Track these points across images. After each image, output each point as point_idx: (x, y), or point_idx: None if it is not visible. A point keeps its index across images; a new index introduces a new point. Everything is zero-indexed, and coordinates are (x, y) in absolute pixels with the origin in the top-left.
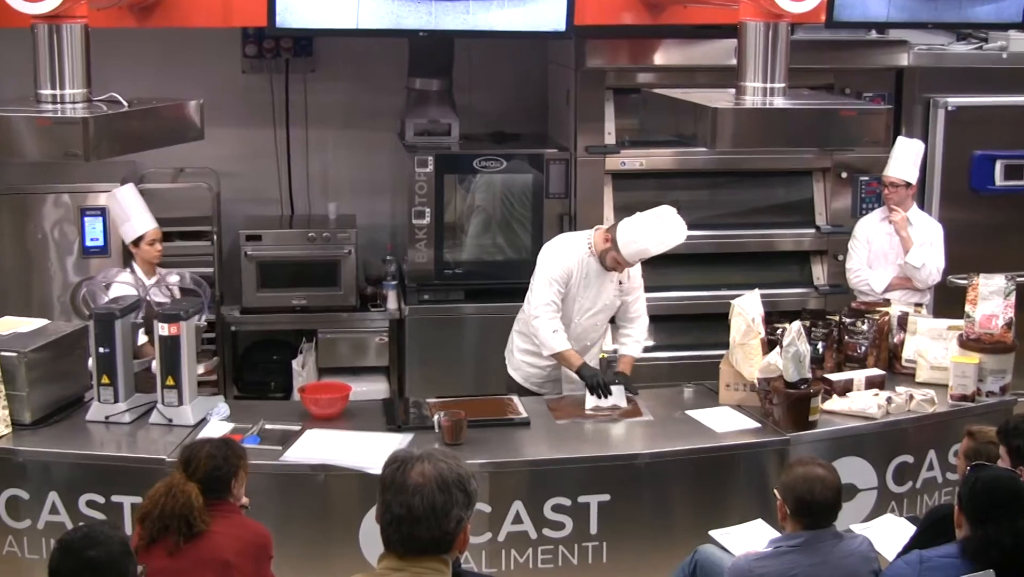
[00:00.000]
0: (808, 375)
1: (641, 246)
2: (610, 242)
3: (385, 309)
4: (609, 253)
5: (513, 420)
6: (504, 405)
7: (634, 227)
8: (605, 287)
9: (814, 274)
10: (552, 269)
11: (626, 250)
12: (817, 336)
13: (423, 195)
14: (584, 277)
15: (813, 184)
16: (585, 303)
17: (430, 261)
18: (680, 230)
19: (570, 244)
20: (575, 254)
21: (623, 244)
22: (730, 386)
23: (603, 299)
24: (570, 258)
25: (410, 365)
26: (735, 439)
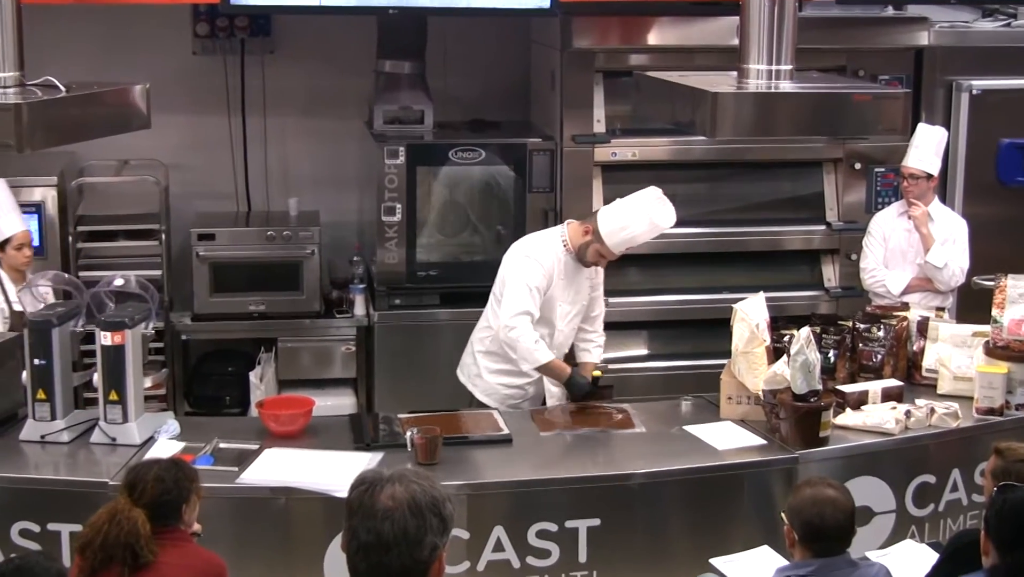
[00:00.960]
0: (818, 386)
1: (629, 233)
2: (591, 234)
3: (352, 315)
4: (591, 246)
5: (493, 437)
6: (483, 420)
7: (618, 213)
8: (582, 286)
9: (825, 275)
10: (531, 274)
11: (612, 240)
12: (828, 343)
13: (393, 189)
14: (563, 278)
15: (823, 176)
16: (565, 306)
17: (401, 262)
18: (669, 212)
19: (545, 243)
20: (552, 253)
21: (607, 233)
22: (732, 399)
23: (580, 299)
24: (548, 259)
25: (379, 377)
26: (738, 457)
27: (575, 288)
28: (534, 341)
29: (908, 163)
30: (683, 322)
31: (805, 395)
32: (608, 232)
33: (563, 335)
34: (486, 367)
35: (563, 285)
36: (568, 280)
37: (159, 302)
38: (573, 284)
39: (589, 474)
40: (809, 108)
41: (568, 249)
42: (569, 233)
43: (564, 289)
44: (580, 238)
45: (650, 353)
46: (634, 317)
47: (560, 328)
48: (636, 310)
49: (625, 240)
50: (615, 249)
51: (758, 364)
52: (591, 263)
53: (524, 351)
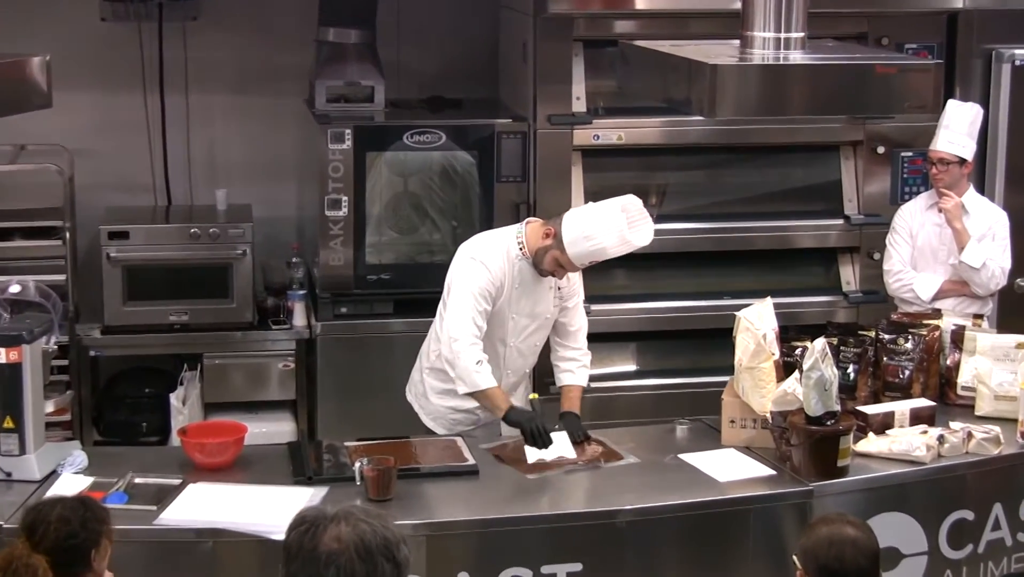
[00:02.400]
0: (836, 408)
1: (594, 245)
2: (551, 238)
3: (290, 326)
4: (549, 253)
5: (457, 468)
6: (445, 449)
7: (585, 220)
8: (542, 296)
9: (843, 277)
10: (476, 279)
11: (574, 249)
12: (847, 357)
13: (339, 179)
14: (517, 286)
15: (841, 162)
16: (521, 320)
17: (348, 264)
18: (645, 230)
19: (496, 244)
20: (501, 256)
21: (571, 241)
22: (735, 422)
23: (541, 312)
24: (496, 261)
25: (323, 398)
26: (742, 490)
27: (534, 299)
28: (475, 362)
29: (937, 146)
30: (677, 333)
31: (820, 417)
32: (571, 240)
33: (517, 355)
34: (432, 387)
35: (517, 295)
36: (524, 289)
37: (63, 312)
38: (531, 294)
39: (569, 511)
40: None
41: (524, 253)
42: (527, 233)
43: (518, 299)
44: (539, 241)
45: (639, 369)
46: (620, 327)
47: (513, 345)
48: (622, 319)
49: (589, 252)
50: (576, 261)
51: (765, 381)
52: (547, 272)
53: (462, 370)
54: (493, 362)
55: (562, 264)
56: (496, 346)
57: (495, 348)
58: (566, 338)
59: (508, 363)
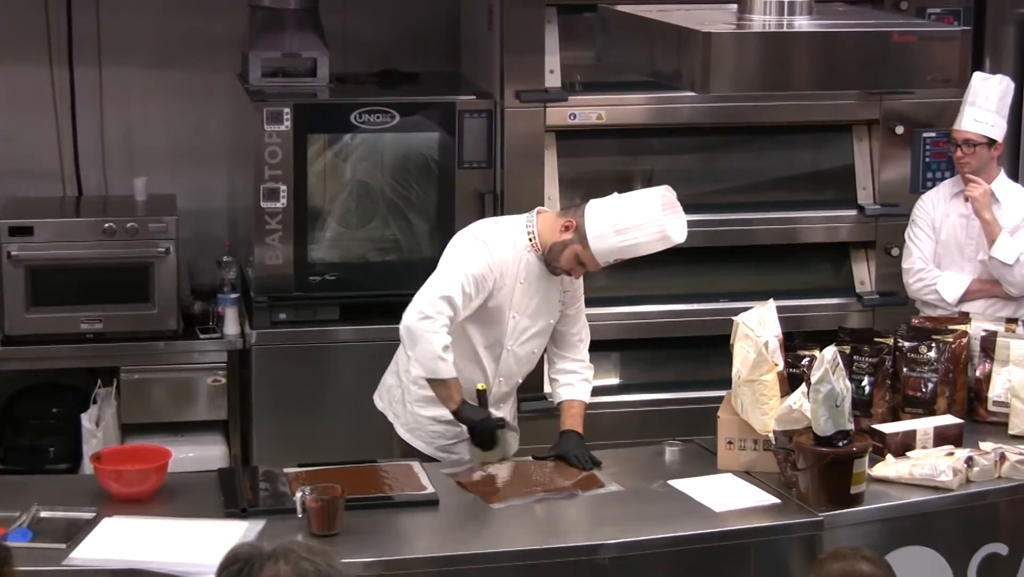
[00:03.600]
0: (849, 426)
1: (628, 241)
2: (571, 232)
3: (221, 335)
4: (569, 248)
5: (414, 498)
6: (400, 476)
7: (619, 211)
8: (549, 297)
9: (856, 276)
10: (473, 259)
11: (600, 245)
12: (862, 368)
13: (276, 165)
14: (523, 281)
15: (854, 144)
16: (523, 321)
17: (288, 263)
18: (683, 223)
19: (503, 229)
20: (509, 244)
21: (597, 236)
22: (733, 444)
23: (546, 315)
24: (502, 249)
25: (259, 418)
26: (742, 521)
27: (540, 298)
28: (442, 347)
29: (962, 125)
30: (666, 341)
31: (831, 437)
32: (598, 234)
33: (514, 361)
34: (413, 395)
35: (522, 291)
36: (530, 286)
37: None
38: (537, 292)
39: (544, 546)
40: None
41: (535, 246)
42: (539, 225)
43: (522, 296)
44: (555, 235)
45: (622, 383)
46: (600, 334)
47: (511, 350)
48: (603, 325)
49: (618, 249)
50: (601, 259)
51: (768, 396)
52: (563, 270)
53: (424, 353)
54: (486, 367)
55: (583, 261)
56: (491, 349)
57: (490, 351)
58: (566, 348)
59: (502, 369)
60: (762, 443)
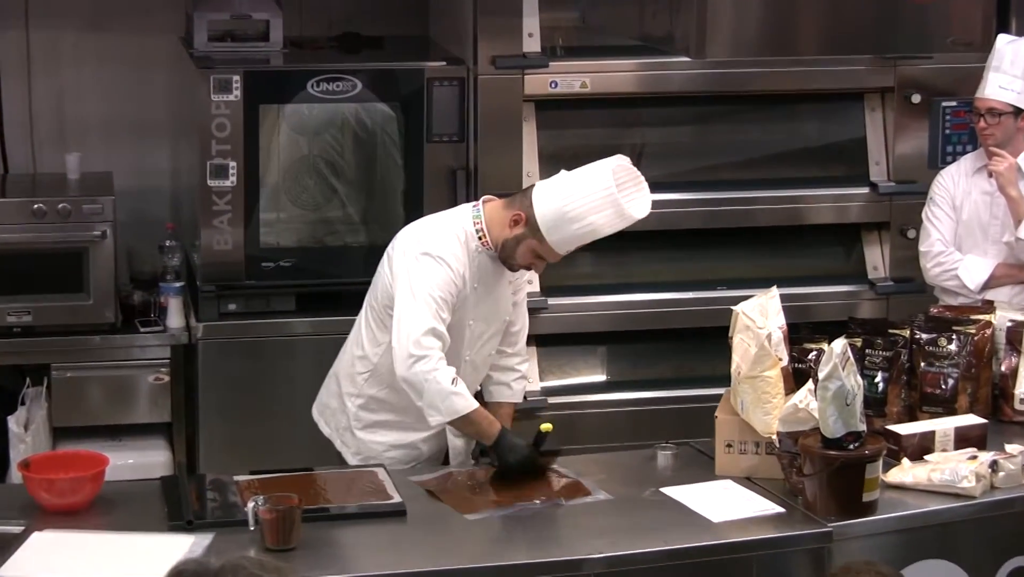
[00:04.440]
0: (861, 427)
1: (584, 226)
2: (522, 224)
3: (164, 329)
4: (523, 244)
5: (378, 508)
6: (363, 484)
7: (568, 194)
8: (502, 295)
9: (868, 261)
10: (436, 280)
11: (556, 235)
12: (875, 363)
13: (225, 139)
14: (477, 286)
15: (866, 115)
16: (478, 327)
17: (238, 248)
18: (644, 196)
19: (450, 234)
20: (462, 250)
21: (550, 225)
22: (733, 447)
23: (500, 314)
24: (459, 259)
25: (206, 420)
26: (742, 533)
27: (493, 299)
28: (451, 380)
29: (986, 93)
30: (658, 333)
31: (841, 440)
32: (551, 223)
33: (472, 370)
34: (360, 419)
35: (476, 297)
36: (485, 289)
37: None
38: (491, 294)
39: (524, 561)
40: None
41: (486, 243)
42: (487, 218)
43: (477, 303)
44: (506, 229)
45: (609, 380)
46: (585, 326)
47: (469, 360)
48: (588, 316)
49: (577, 236)
50: (559, 248)
51: (771, 394)
52: (521, 266)
53: (435, 395)
54: None
55: (542, 255)
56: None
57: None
58: (504, 340)
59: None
60: (764, 446)
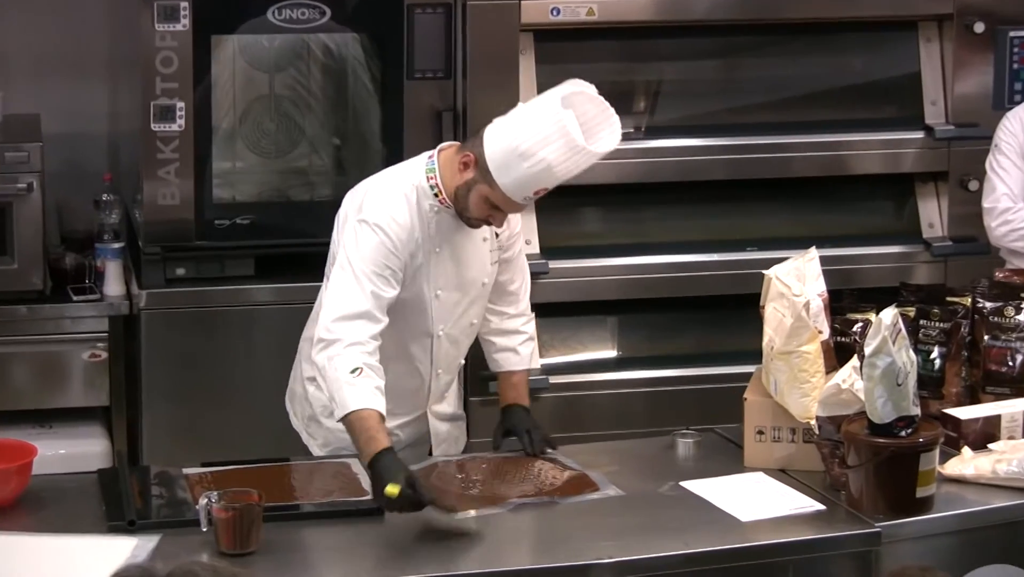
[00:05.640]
0: (914, 411)
1: (535, 164)
2: (472, 168)
3: (101, 297)
4: (474, 190)
5: (352, 506)
6: (333, 477)
7: (517, 127)
8: (474, 255)
9: (923, 217)
10: (367, 249)
11: (506, 177)
12: (930, 336)
13: (171, 76)
14: (438, 250)
15: (920, 47)
16: (449, 296)
17: (187, 204)
18: (610, 128)
19: (396, 193)
20: (410, 211)
21: (499, 165)
22: (764, 434)
23: (475, 277)
24: (399, 216)
25: (150, 403)
26: (775, 534)
27: (462, 263)
28: (350, 369)
29: None
30: (678, 301)
31: (890, 425)
32: (500, 163)
33: (449, 345)
34: (326, 404)
35: (438, 262)
36: (451, 251)
37: None
38: (457, 256)
39: (523, 566)
40: None
41: (443, 200)
42: (441, 169)
43: (440, 269)
44: (457, 176)
45: (621, 355)
46: (593, 293)
47: (444, 334)
48: (596, 282)
49: (530, 177)
50: (513, 193)
51: (809, 373)
52: (477, 220)
53: (332, 382)
54: (419, 361)
55: (495, 204)
56: (419, 340)
57: (419, 343)
58: (502, 301)
59: (438, 359)
60: (801, 433)
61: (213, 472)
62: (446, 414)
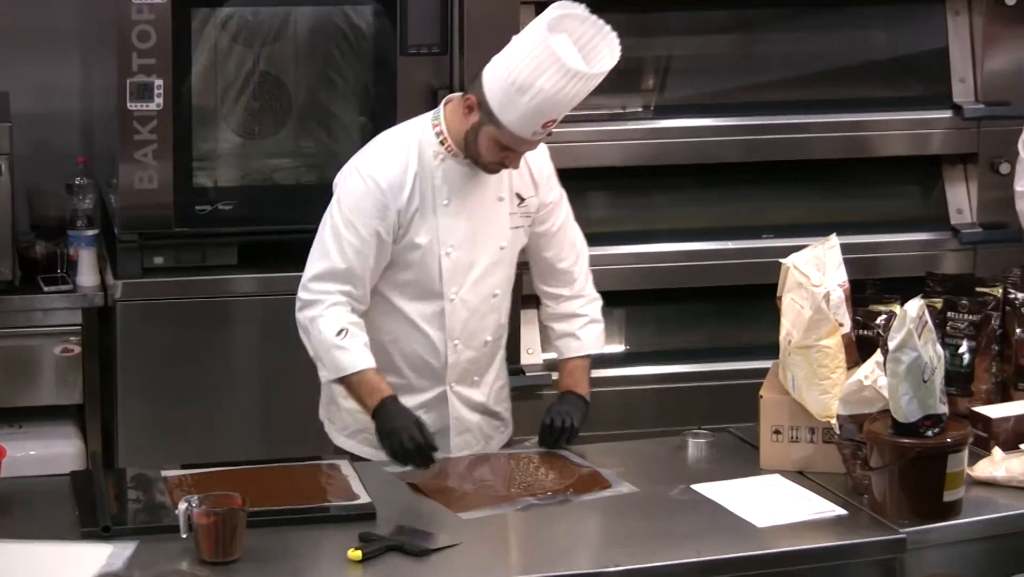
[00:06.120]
0: (941, 409)
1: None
2: (476, 110)
3: (74, 288)
4: (481, 133)
5: (341, 510)
6: (321, 480)
7: (511, 61)
8: (492, 214)
9: (951, 202)
10: (353, 199)
11: (509, 114)
12: (958, 328)
13: (148, 51)
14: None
15: (948, 20)
16: (463, 255)
17: (165, 188)
18: (606, 44)
19: (397, 143)
20: (408, 159)
21: (501, 102)
22: (782, 433)
23: (492, 239)
24: (394, 169)
25: (126, 401)
26: (794, 540)
27: (478, 220)
28: (336, 332)
29: None
30: (689, 292)
31: (916, 424)
32: (501, 101)
33: (466, 313)
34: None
35: (449, 216)
36: (461, 204)
37: None
38: (472, 213)
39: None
40: None
41: (448, 147)
42: (448, 118)
43: (451, 222)
44: (462, 119)
45: (629, 350)
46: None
47: (457, 299)
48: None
49: (533, 110)
50: (519, 129)
51: (829, 368)
52: (493, 164)
53: (319, 345)
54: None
55: (504, 144)
56: (430, 302)
57: (430, 305)
58: (554, 280)
59: (453, 328)
60: (821, 433)
61: (194, 475)
62: (476, 403)
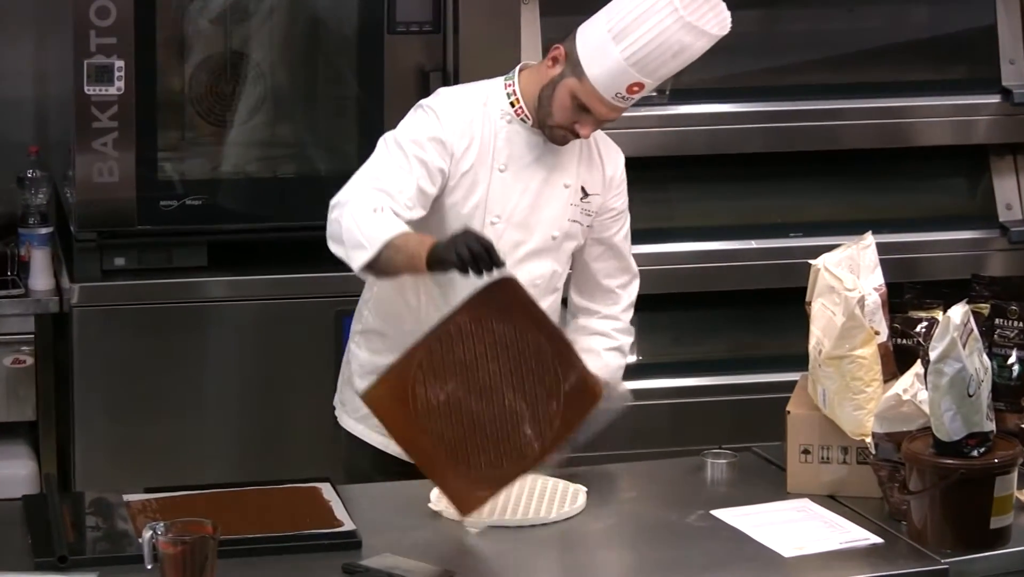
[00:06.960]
0: (988, 426)
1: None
2: (560, 62)
3: (25, 292)
4: (560, 88)
5: (324, 538)
6: (301, 503)
7: (617, 8)
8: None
9: (999, 197)
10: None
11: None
12: (1007, 338)
13: (108, 30)
14: (503, 167)
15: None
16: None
17: (128, 182)
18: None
19: (467, 92)
20: (474, 106)
21: (591, 52)
22: (811, 453)
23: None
24: (461, 111)
25: (83, 417)
26: (822, 571)
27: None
28: (371, 209)
29: None
30: (708, 297)
31: (960, 443)
32: (592, 48)
33: None
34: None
35: (503, 182)
36: (516, 175)
37: None
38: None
39: None
40: None
41: (519, 111)
42: (523, 82)
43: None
44: (543, 77)
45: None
46: None
47: None
48: None
49: (630, 64)
50: (604, 88)
51: (864, 381)
52: (561, 129)
53: (351, 227)
54: None
55: (584, 103)
56: None
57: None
58: (596, 296)
59: None
60: (855, 453)
61: (159, 499)
62: None
